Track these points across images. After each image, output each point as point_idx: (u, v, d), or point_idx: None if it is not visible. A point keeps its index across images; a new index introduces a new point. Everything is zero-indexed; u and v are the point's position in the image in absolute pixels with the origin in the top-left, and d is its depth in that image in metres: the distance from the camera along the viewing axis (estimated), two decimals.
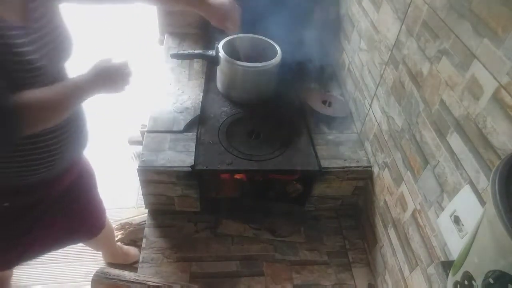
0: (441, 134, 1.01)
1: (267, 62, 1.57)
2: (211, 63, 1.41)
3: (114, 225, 1.63)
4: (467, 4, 0.90)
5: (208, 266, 1.43)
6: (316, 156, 1.48)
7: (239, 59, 1.56)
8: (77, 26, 1.12)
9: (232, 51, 1.59)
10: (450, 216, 0.94)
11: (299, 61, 1.74)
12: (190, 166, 1.36)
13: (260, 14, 1.60)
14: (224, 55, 1.54)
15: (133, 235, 1.70)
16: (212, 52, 1.40)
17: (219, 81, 1.70)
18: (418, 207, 1.13)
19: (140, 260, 1.43)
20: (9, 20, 0.74)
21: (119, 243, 1.64)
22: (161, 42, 2.01)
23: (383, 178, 1.37)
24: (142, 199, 1.51)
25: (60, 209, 1.11)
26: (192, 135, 1.48)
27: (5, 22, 0.73)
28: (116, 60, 0.94)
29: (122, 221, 1.72)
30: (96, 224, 1.33)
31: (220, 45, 1.57)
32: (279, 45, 1.65)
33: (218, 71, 1.67)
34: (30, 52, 0.78)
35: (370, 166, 1.46)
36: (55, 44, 0.85)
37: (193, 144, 1.44)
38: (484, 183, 0.85)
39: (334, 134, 1.59)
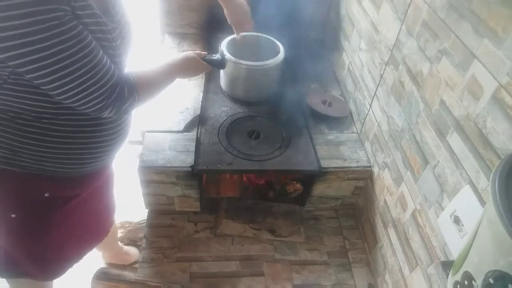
0: (441, 134, 1.01)
1: (271, 60, 1.56)
2: (217, 67, 1.39)
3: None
4: (467, 4, 0.90)
5: (208, 266, 1.43)
6: (316, 156, 1.47)
7: (241, 58, 1.54)
8: None
9: (234, 50, 1.58)
10: (450, 216, 0.94)
11: (299, 60, 1.74)
12: (190, 166, 1.36)
13: (260, 13, 1.60)
14: (230, 56, 1.51)
15: (133, 234, 1.71)
16: (217, 56, 1.37)
17: (223, 81, 1.69)
18: (418, 207, 1.13)
19: (140, 260, 1.43)
20: (97, 8, 0.78)
21: (119, 243, 1.64)
22: (161, 42, 2.01)
23: (383, 178, 1.37)
24: (142, 199, 1.51)
25: (87, 206, 1.12)
26: (192, 135, 1.48)
27: (95, 9, 0.76)
28: (197, 53, 1.20)
29: (122, 220, 1.73)
30: (109, 223, 1.35)
31: (223, 47, 1.53)
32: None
33: (221, 71, 1.66)
34: (114, 39, 0.83)
35: (370, 166, 1.46)
36: (128, 36, 0.92)
37: (193, 144, 1.44)
38: (484, 183, 0.85)
39: (334, 134, 1.59)
